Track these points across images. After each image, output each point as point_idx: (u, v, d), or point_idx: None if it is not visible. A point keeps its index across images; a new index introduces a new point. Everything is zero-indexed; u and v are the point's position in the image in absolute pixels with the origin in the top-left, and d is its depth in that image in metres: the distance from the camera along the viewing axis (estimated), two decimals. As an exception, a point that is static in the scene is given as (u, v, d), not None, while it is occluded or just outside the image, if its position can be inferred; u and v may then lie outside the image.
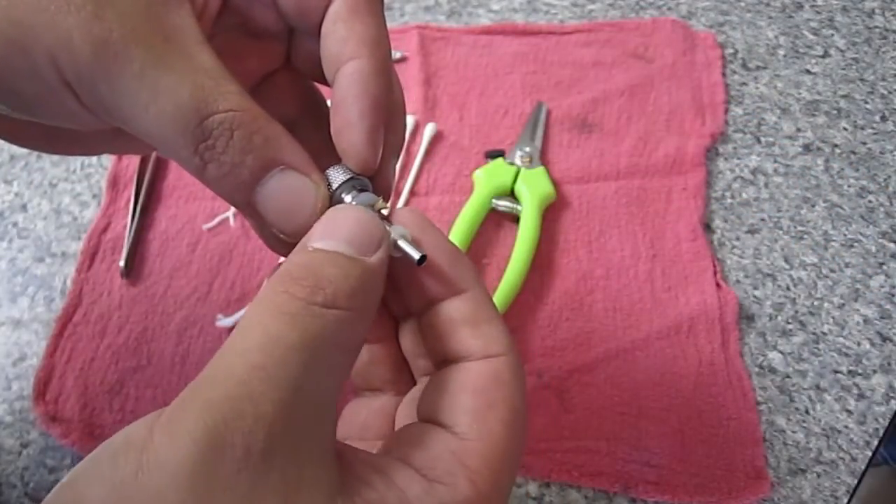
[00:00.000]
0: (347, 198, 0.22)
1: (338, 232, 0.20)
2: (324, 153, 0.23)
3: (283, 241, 0.23)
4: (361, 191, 0.23)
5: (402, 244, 0.22)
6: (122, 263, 0.45)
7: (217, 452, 0.15)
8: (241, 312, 0.43)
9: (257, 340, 0.18)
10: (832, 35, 0.55)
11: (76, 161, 0.51)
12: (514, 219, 0.46)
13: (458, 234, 0.44)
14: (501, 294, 0.42)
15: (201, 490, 0.15)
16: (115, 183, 0.49)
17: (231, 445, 0.16)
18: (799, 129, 0.51)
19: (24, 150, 0.52)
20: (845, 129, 0.50)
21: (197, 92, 0.20)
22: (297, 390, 0.17)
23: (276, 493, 0.16)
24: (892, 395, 0.40)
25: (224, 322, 0.43)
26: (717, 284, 0.43)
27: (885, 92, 0.52)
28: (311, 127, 0.26)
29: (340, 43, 0.23)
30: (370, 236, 0.21)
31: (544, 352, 0.42)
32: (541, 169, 0.47)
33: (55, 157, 0.51)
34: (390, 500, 0.18)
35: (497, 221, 0.47)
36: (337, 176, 0.23)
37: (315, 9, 0.23)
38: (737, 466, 0.38)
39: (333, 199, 0.23)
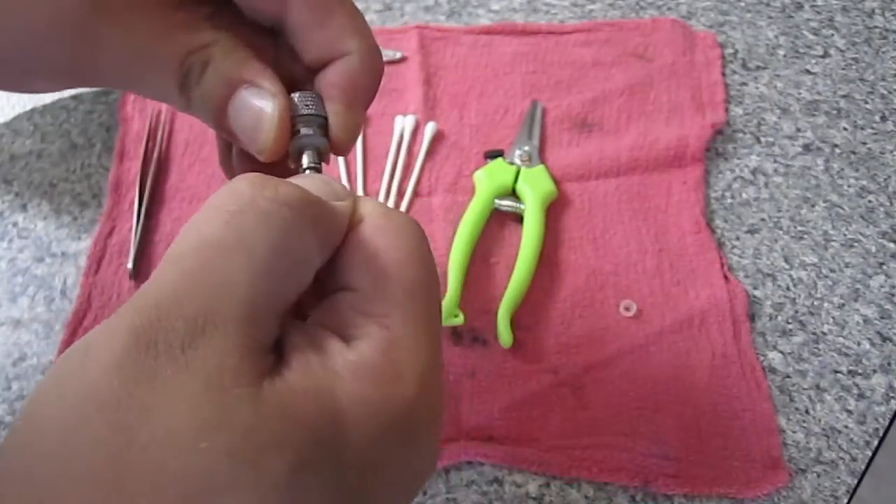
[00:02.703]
0: (301, 129, 0.24)
1: (311, 184, 0.21)
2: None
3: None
4: (320, 131, 0.25)
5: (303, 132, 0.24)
6: (129, 265, 0.45)
7: (141, 348, 0.17)
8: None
9: (191, 245, 0.18)
10: (832, 35, 0.55)
11: (76, 161, 0.51)
12: (518, 218, 0.46)
13: (464, 235, 0.44)
14: (512, 293, 0.42)
15: (128, 380, 0.16)
16: (117, 186, 0.49)
17: (154, 342, 0.17)
18: (799, 129, 0.51)
19: (25, 150, 0.52)
20: (845, 129, 0.50)
21: (172, 44, 0.23)
22: (223, 286, 0.18)
23: (197, 380, 0.17)
24: (892, 395, 0.40)
25: None
26: (725, 277, 0.44)
27: (885, 92, 0.52)
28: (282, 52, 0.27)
29: (322, 32, 0.25)
30: (336, 192, 0.22)
31: (559, 349, 0.42)
32: (541, 167, 0.47)
33: (55, 157, 0.51)
34: (314, 363, 0.19)
35: (501, 221, 0.47)
36: (302, 104, 0.24)
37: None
38: (754, 457, 0.38)
39: (292, 128, 0.24)
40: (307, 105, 0.24)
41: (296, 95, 0.25)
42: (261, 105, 0.23)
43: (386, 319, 0.20)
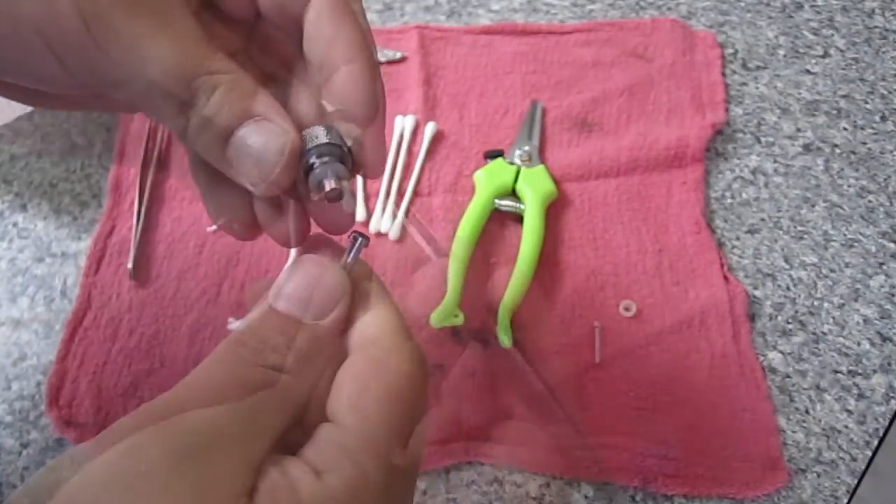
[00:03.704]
0: (317, 162, 0.23)
1: (297, 292, 0.23)
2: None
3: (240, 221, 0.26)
4: (336, 159, 0.23)
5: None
6: (129, 265, 0.45)
7: (134, 456, 0.17)
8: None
9: (202, 384, 0.21)
10: (832, 35, 0.55)
11: (76, 161, 0.51)
12: (518, 218, 0.46)
13: (464, 235, 0.44)
14: (512, 293, 0.42)
15: (116, 483, 0.17)
16: (117, 186, 0.49)
17: (149, 448, 0.18)
18: (799, 129, 0.51)
19: (24, 150, 0.52)
20: (845, 129, 0.50)
21: (184, 60, 0.21)
22: (231, 417, 0.19)
23: (190, 493, 0.17)
24: (892, 395, 0.40)
25: (236, 325, 0.43)
26: (725, 277, 0.44)
27: (885, 92, 0.52)
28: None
29: (328, 45, 0.24)
30: (328, 299, 0.23)
31: (559, 349, 0.42)
32: (541, 167, 0.47)
33: (55, 157, 0.51)
34: (282, 491, 0.19)
35: (501, 221, 0.47)
36: (315, 137, 0.23)
37: (295, 7, 0.24)
38: (753, 457, 0.38)
39: (304, 162, 0.23)
40: (320, 137, 0.23)
41: (307, 131, 0.23)
42: (270, 138, 0.22)
43: (360, 456, 0.20)
